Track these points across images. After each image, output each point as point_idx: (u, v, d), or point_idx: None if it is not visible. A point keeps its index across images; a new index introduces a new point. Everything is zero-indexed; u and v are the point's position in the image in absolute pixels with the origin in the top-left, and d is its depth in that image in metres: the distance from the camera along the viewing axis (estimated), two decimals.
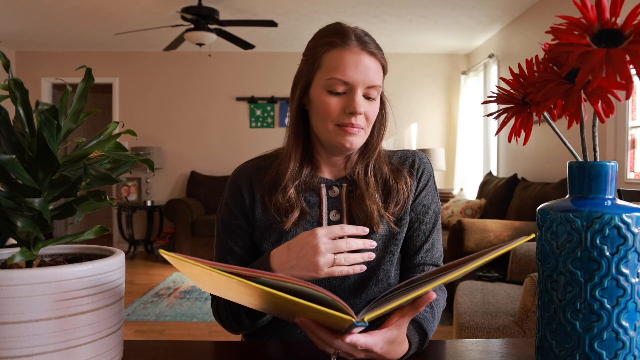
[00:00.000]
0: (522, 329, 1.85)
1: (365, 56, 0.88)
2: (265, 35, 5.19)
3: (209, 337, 2.98)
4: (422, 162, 1.00)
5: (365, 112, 0.89)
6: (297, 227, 0.94)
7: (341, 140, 0.90)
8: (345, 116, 0.89)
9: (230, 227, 0.97)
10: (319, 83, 0.90)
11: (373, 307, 0.63)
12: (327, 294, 0.59)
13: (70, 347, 0.55)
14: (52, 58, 5.88)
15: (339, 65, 0.87)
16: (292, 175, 0.94)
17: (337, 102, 0.89)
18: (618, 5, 0.53)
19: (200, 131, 5.95)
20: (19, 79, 0.55)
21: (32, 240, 0.59)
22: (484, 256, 0.60)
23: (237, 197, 0.97)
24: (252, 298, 0.64)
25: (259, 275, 0.58)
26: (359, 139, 0.91)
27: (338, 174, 0.99)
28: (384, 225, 0.94)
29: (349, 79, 0.87)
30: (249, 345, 0.84)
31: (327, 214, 0.95)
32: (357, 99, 0.87)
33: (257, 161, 1.01)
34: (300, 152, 0.95)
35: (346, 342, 0.62)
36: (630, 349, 0.57)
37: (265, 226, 0.95)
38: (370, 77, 0.88)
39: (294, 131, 0.96)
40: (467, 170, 5.42)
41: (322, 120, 0.90)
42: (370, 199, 0.93)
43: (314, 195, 0.96)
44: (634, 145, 2.97)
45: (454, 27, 4.88)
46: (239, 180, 0.98)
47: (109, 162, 0.64)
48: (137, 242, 5.69)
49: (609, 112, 0.56)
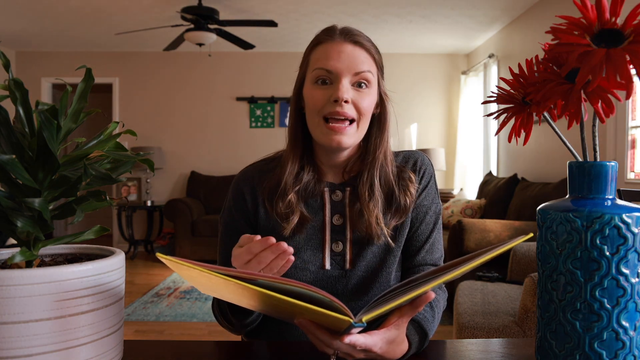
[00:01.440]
0: (522, 329, 1.85)
1: (348, 45, 0.89)
2: (265, 35, 5.19)
3: (209, 337, 2.98)
4: (423, 163, 1.00)
5: (354, 100, 0.88)
6: (299, 233, 0.94)
7: (327, 138, 0.89)
8: (330, 105, 0.88)
9: (233, 229, 0.97)
10: (308, 79, 0.92)
11: (371, 308, 0.63)
12: (325, 295, 0.58)
13: (70, 347, 0.55)
14: (52, 58, 5.88)
15: (322, 56, 0.89)
16: (292, 181, 0.93)
17: (323, 93, 0.89)
18: (618, 5, 0.53)
19: (200, 131, 5.95)
20: (19, 79, 0.55)
21: (32, 240, 0.59)
22: (482, 256, 0.60)
23: (239, 200, 0.97)
24: (251, 300, 0.63)
25: (256, 277, 0.58)
26: (347, 137, 0.89)
27: (341, 177, 0.98)
28: (383, 236, 0.93)
29: (331, 67, 0.88)
30: (249, 345, 0.84)
31: (330, 218, 0.95)
32: (340, 87, 0.87)
33: (261, 164, 1.01)
34: (299, 157, 0.95)
35: (345, 343, 0.62)
36: (630, 349, 0.57)
37: (268, 230, 0.96)
38: (356, 64, 0.88)
39: (292, 135, 0.96)
40: (467, 170, 5.41)
41: (311, 114, 0.91)
42: (370, 212, 0.92)
43: (318, 199, 0.96)
44: (634, 145, 2.97)
45: (454, 27, 4.87)
46: (241, 184, 0.98)
47: (109, 162, 0.64)
48: (137, 242, 5.69)
49: (609, 112, 0.56)
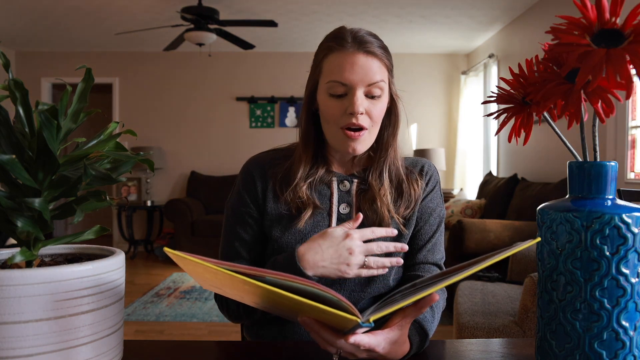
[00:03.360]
0: (522, 329, 1.85)
1: (361, 56, 0.90)
2: (265, 35, 5.19)
3: (209, 337, 2.98)
4: (430, 169, 1.04)
5: (368, 111, 0.91)
6: (308, 219, 0.96)
7: (345, 146, 0.93)
8: (346, 117, 0.91)
9: (240, 213, 1.00)
10: (322, 88, 0.93)
11: (379, 308, 0.64)
12: (333, 294, 0.59)
13: (70, 347, 0.55)
14: (52, 58, 5.88)
15: (335, 68, 0.90)
16: (304, 176, 0.97)
17: (339, 105, 0.91)
18: (618, 5, 0.53)
19: (200, 131, 5.95)
20: (19, 79, 0.55)
21: (32, 240, 0.59)
22: (490, 259, 0.60)
23: (249, 184, 1.00)
24: (256, 297, 0.64)
25: (264, 274, 0.58)
26: (361, 144, 0.93)
27: (349, 169, 1.02)
28: (393, 225, 0.97)
29: (345, 80, 0.89)
30: (249, 345, 0.84)
31: (337, 207, 0.98)
32: (355, 100, 0.89)
33: (273, 153, 1.04)
34: (311, 156, 0.98)
35: (350, 343, 0.62)
36: (630, 349, 0.57)
37: (275, 215, 0.98)
38: (370, 76, 0.90)
39: (305, 136, 0.99)
40: (467, 170, 5.41)
41: (328, 123, 0.94)
42: (382, 200, 0.96)
43: (326, 188, 0.99)
44: (634, 145, 2.97)
45: (454, 27, 4.87)
46: (252, 168, 1.00)
47: (109, 162, 0.64)
48: (137, 242, 5.69)
49: (609, 112, 0.56)
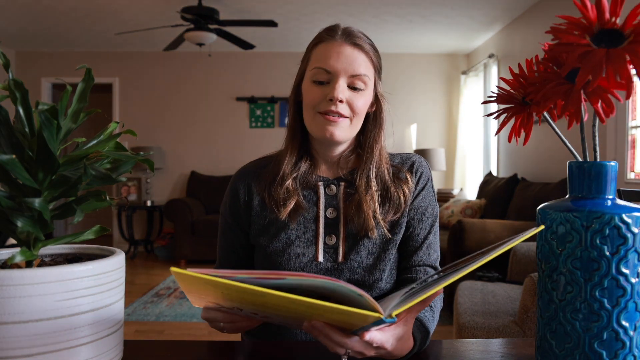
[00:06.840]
0: (522, 329, 1.85)
1: (347, 47, 0.92)
2: (265, 35, 5.19)
3: (209, 337, 2.98)
4: (420, 166, 1.02)
5: (349, 101, 0.91)
6: (293, 221, 0.96)
7: (322, 130, 0.92)
8: (326, 103, 0.91)
9: (227, 223, 1.03)
10: (307, 76, 0.95)
11: (400, 303, 0.62)
12: (355, 289, 0.57)
13: (70, 347, 0.55)
14: (52, 58, 5.88)
15: (321, 56, 0.92)
16: (290, 167, 0.97)
17: (320, 91, 0.92)
18: (618, 5, 0.53)
19: (200, 131, 5.95)
20: (19, 79, 0.55)
21: (32, 240, 0.59)
22: (497, 249, 0.58)
23: (233, 198, 1.01)
24: (264, 308, 0.62)
25: (284, 276, 0.57)
26: (340, 131, 0.92)
27: (336, 172, 1.01)
28: (378, 231, 0.95)
29: (329, 67, 0.91)
30: (249, 345, 0.84)
31: (324, 211, 0.97)
32: (337, 86, 0.90)
33: (259, 161, 1.04)
34: (298, 146, 0.99)
35: (365, 340, 0.62)
36: (630, 349, 0.57)
37: (262, 223, 0.98)
38: (354, 67, 0.91)
39: (291, 127, 1.00)
40: (467, 170, 5.41)
41: (307, 109, 0.94)
42: (368, 205, 0.94)
43: (312, 193, 0.99)
44: (634, 145, 2.97)
45: (454, 27, 4.87)
46: (237, 181, 1.02)
47: (109, 162, 0.64)
48: (137, 242, 5.69)
49: (609, 112, 0.56)
